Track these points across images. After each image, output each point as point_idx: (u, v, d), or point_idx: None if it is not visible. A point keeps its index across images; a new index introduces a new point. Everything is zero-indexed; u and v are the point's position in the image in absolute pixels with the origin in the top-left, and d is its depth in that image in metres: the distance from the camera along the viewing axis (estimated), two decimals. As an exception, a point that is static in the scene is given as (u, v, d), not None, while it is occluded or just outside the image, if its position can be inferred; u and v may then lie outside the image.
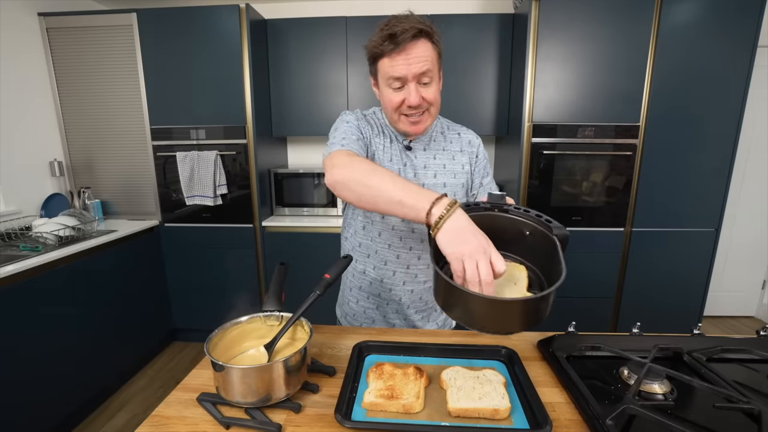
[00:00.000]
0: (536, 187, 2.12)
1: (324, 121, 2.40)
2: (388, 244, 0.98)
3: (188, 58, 2.17)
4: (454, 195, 0.98)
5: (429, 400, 0.70)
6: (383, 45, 0.81)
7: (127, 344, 2.13)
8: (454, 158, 0.99)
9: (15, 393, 1.51)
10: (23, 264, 1.55)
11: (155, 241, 2.34)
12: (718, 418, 0.65)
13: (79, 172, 2.38)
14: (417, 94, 0.84)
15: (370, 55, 0.86)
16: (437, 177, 0.97)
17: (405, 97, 0.85)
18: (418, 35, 0.80)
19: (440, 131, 1.01)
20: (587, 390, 0.70)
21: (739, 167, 2.30)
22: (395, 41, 0.79)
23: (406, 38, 0.79)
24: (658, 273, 2.16)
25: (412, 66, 0.81)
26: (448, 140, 1.01)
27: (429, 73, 0.83)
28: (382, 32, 0.81)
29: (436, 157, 0.98)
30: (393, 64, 0.82)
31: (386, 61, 0.83)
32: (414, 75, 0.82)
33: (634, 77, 1.97)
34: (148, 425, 0.65)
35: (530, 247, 0.72)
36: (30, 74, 2.16)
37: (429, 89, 0.85)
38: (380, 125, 0.97)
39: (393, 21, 0.81)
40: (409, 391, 0.69)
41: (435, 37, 0.83)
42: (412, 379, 0.72)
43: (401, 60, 0.81)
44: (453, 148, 1.00)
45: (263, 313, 0.80)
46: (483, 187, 1.02)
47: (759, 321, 2.80)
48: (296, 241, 2.28)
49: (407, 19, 0.81)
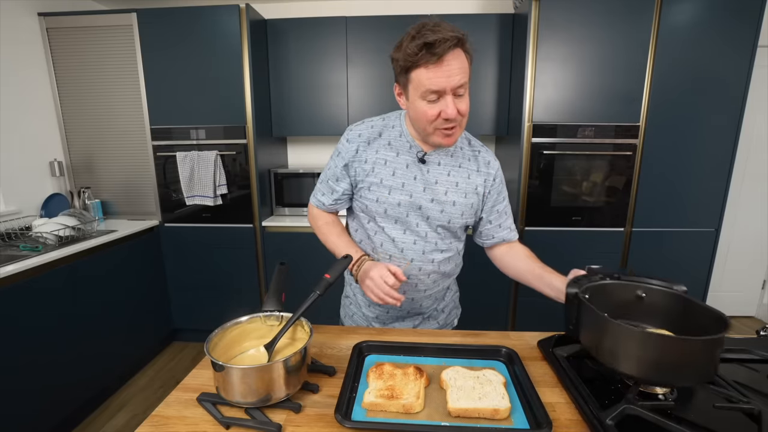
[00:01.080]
0: (536, 187, 2.12)
1: (324, 121, 2.41)
2: (389, 255, 0.99)
3: (188, 58, 2.17)
4: (462, 215, 0.96)
5: (429, 400, 0.70)
6: (419, 55, 0.76)
7: (127, 344, 2.13)
8: (469, 177, 0.96)
9: (15, 393, 1.51)
10: (23, 264, 1.55)
11: (155, 241, 2.34)
12: (718, 418, 0.64)
13: (79, 172, 2.38)
14: (454, 107, 0.80)
15: (404, 65, 0.80)
16: (448, 194, 0.94)
17: (441, 109, 0.80)
18: (456, 45, 0.76)
19: (460, 146, 0.97)
20: (587, 390, 0.70)
21: (739, 167, 2.30)
22: (433, 51, 0.75)
23: (446, 49, 0.75)
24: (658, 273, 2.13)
25: (451, 78, 0.77)
26: (467, 157, 0.97)
27: (465, 85, 0.81)
28: (416, 41, 0.76)
29: (450, 174, 0.94)
30: (431, 76, 0.77)
31: (422, 72, 0.78)
32: (452, 88, 0.78)
33: (634, 77, 1.97)
34: (148, 425, 0.65)
35: (648, 307, 0.78)
36: (30, 74, 2.16)
37: (463, 101, 0.82)
38: (390, 137, 0.95)
39: (426, 28, 0.76)
40: (409, 391, 0.69)
41: (467, 46, 0.80)
42: (412, 379, 0.72)
43: (440, 72, 0.76)
44: (470, 166, 0.97)
45: (263, 313, 0.80)
46: (498, 213, 1.01)
47: (759, 321, 2.80)
48: (296, 241, 2.28)
49: (441, 27, 0.76)
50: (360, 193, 0.97)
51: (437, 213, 0.94)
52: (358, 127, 0.98)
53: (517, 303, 2.27)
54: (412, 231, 0.96)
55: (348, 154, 0.96)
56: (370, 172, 0.94)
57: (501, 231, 1.03)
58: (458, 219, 0.96)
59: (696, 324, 0.70)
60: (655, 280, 0.79)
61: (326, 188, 1.02)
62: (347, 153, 0.96)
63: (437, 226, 0.95)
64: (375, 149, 0.94)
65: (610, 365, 0.67)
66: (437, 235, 0.97)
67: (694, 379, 0.63)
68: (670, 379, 0.62)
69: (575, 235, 2.15)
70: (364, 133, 0.95)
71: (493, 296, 2.27)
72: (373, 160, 0.94)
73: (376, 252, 0.99)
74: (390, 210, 0.94)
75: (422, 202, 0.93)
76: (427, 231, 0.96)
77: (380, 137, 0.95)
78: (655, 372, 0.62)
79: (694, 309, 0.72)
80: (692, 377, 0.62)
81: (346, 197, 1.01)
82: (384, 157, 0.94)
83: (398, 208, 0.94)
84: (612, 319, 0.65)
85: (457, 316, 1.17)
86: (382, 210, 0.95)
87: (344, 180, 0.98)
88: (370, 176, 0.94)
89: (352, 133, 0.97)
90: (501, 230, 1.03)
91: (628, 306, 0.79)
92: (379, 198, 0.94)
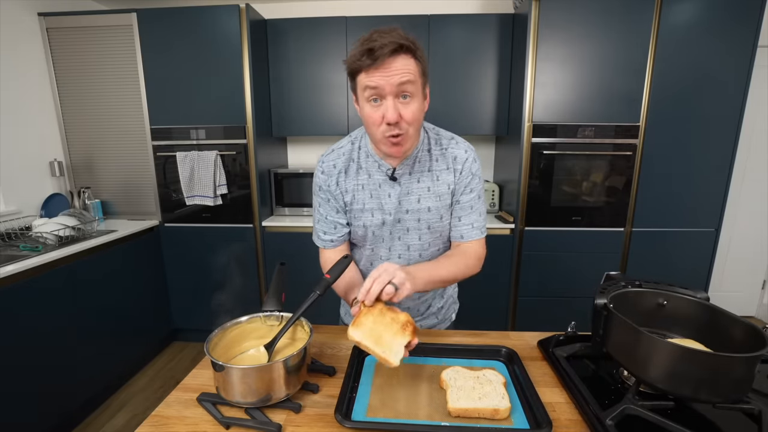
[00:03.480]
0: (536, 187, 2.12)
1: (324, 121, 2.41)
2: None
3: (188, 58, 2.17)
4: (441, 218, 0.94)
5: (429, 400, 0.70)
6: (360, 60, 0.75)
7: (127, 344, 2.13)
8: (438, 178, 0.92)
9: (15, 393, 1.51)
10: (23, 264, 1.55)
11: (155, 241, 2.34)
12: (718, 417, 0.65)
13: (79, 172, 2.38)
14: (394, 111, 0.76)
15: (349, 71, 0.80)
16: (421, 202, 0.92)
17: (383, 113, 0.77)
18: (398, 50, 0.74)
19: (426, 148, 0.93)
20: (587, 390, 0.70)
21: (739, 167, 2.30)
22: (373, 56, 0.73)
23: (385, 53, 0.72)
24: (658, 273, 2.16)
25: (391, 78, 0.74)
26: (434, 158, 0.93)
27: (409, 86, 0.76)
28: (361, 47, 0.75)
29: (420, 180, 0.92)
30: (369, 75, 0.75)
31: (363, 75, 0.76)
32: (392, 86, 0.75)
33: (634, 77, 1.97)
34: (148, 425, 0.65)
35: (671, 315, 0.78)
36: (30, 74, 2.16)
37: (408, 107, 0.77)
38: (359, 160, 0.93)
39: (373, 35, 0.75)
40: (391, 342, 0.69)
41: (418, 53, 0.77)
42: (399, 331, 0.71)
43: (378, 72, 0.75)
44: (438, 167, 0.92)
45: (263, 313, 0.80)
46: (460, 206, 0.93)
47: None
48: (296, 241, 2.28)
49: (389, 33, 0.75)
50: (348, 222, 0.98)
51: (415, 222, 0.93)
52: (329, 156, 0.95)
53: (517, 303, 2.27)
54: (399, 246, 0.96)
55: (330, 187, 0.94)
56: (352, 200, 0.94)
57: (459, 226, 0.94)
58: (438, 223, 0.94)
59: (725, 334, 0.69)
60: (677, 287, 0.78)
61: (327, 226, 0.97)
62: (329, 187, 0.94)
63: (420, 234, 0.95)
64: (352, 177, 0.93)
65: (643, 378, 0.65)
66: (422, 243, 0.96)
67: (729, 395, 0.60)
68: (705, 395, 0.60)
69: (575, 235, 2.15)
70: (338, 163, 0.94)
71: (493, 296, 2.27)
72: (352, 188, 0.93)
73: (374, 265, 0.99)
74: (376, 231, 0.95)
75: (400, 215, 0.93)
76: (410, 243, 0.95)
77: (353, 162, 0.94)
78: (691, 388, 0.60)
79: (722, 319, 0.70)
80: (728, 393, 0.60)
81: (349, 226, 0.98)
82: (361, 183, 0.93)
83: (382, 227, 0.94)
84: (651, 335, 0.63)
85: (455, 311, 1.17)
86: (370, 233, 0.95)
87: (341, 210, 0.96)
88: (353, 204, 0.94)
89: (326, 165, 0.94)
90: (459, 225, 0.94)
91: (649, 314, 0.78)
92: (365, 223, 0.94)
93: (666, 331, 0.77)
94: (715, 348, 0.68)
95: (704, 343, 0.71)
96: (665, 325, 0.78)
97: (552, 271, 2.18)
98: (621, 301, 0.75)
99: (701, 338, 0.73)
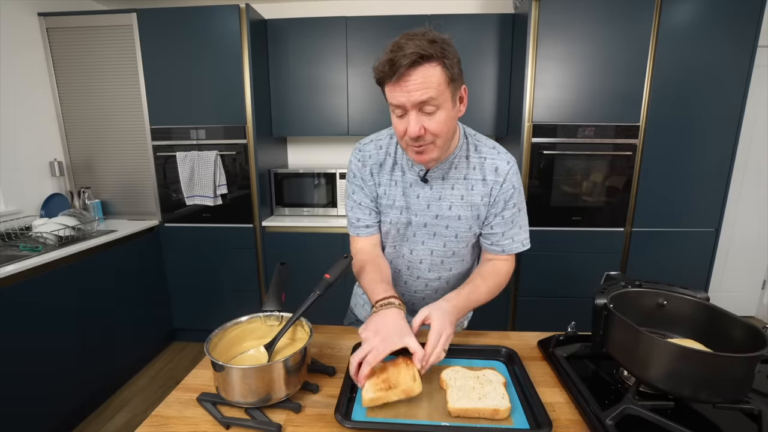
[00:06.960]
0: (536, 187, 2.11)
1: (324, 121, 2.41)
2: (398, 269, 1.00)
3: (188, 58, 2.16)
4: (470, 229, 0.92)
5: (429, 400, 0.70)
6: (384, 71, 0.73)
7: (127, 344, 2.13)
8: (473, 188, 0.89)
9: (15, 393, 1.51)
10: (23, 264, 1.54)
11: (155, 241, 2.34)
12: (718, 418, 0.65)
13: (79, 172, 2.37)
14: (417, 125, 0.75)
15: (376, 79, 0.78)
16: (452, 209, 0.90)
17: (407, 126, 0.76)
18: (419, 62, 0.70)
19: (464, 155, 0.90)
20: (587, 390, 0.70)
21: (739, 167, 2.30)
22: (393, 68, 0.71)
23: (404, 65, 0.70)
24: (658, 273, 2.16)
25: (411, 94, 0.72)
26: (471, 166, 0.89)
27: (432, 102, 0.73)
28: (386, 55, 0.72)
29: (454, 187, 0.89)
30: (391, 90, 0.74)
31: (387, 87, 0.75)
32: (413, 104, 0.73)
33: (634, 77, 1.97)
34: (148, 425, 0.65)
35: (670, 315, 0.78)
36: (30, 74, 2.16)
37: (433, 119, 0.75)
38: (395, 156, 0.92)
39: (401, 41, 0.72)
40: (404, 377, 0.69)
41: (446, 60, 0.72)
42: (403, 367, 0.72)
43: (398, 88, 0.73)
44: (475, 176, 0.89)
45: (263, 313, 0.80)
46: (504, 219, 0.90)
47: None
48: (296, 241, 2.28)
49: (413, 39, 0.71)
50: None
51: (443, 229, 0.92)
52: (367, 147, 0.94)
53: (517, 303, 2.27)
54: (422, 250, 0.95)
55: (364, 176, 0.94)
56: (383, 195, 0.93)
57: (501, 241, 0.92)
58: (466, 233, 0.92)
59: (725, 334, 0.69)
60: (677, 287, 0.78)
61: (362, 212, 0.95)
62: (362, 175, 0.94)
63: (445, 241, 0.93)
64: (386, 171, 0.93)
65: (643, 378, 0.65)
66: (446, 251, 0.95)
67: (729, 395, 0.61)
68: (705, 395, 0.60)
69: (575, 235, 2.15)
70: (374, 155, 0.93)
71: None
72: (386, 183, 0.93)
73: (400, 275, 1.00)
74: (401, 229, 0.94)
75: (427, 219, 0.91)
76: (434, 248, 0.94)
77: (389, 157, 0.93)
78: (692, 388, 0.61)
79: (722, 319, 0.71)
80: (728, 394, 0.60)
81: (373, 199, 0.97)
82: (395, 179, 0.92)
83: (407, 228, 0.94)
84: (652, 335, 0.63)
85: (467, 317, 1.14)
86: (394, 231, 0.95)
87: (374, 199, 0.95)
88: (383, 198, 0.94)
89: (363, 153, 0.94)
90: (502, 240, 0.92)
91: (649, 314, 0.78)
92: (391, 219, 0.94)
93: (666, 331, 0.77)
94: (715, 348, 0.68)
95: (704, 343, 0.71)
96: (665, 325, 0.78)
97: (552, 271, 2.18)
98: (621, 301, 0.75)
99: (701, 338, 0.73)
